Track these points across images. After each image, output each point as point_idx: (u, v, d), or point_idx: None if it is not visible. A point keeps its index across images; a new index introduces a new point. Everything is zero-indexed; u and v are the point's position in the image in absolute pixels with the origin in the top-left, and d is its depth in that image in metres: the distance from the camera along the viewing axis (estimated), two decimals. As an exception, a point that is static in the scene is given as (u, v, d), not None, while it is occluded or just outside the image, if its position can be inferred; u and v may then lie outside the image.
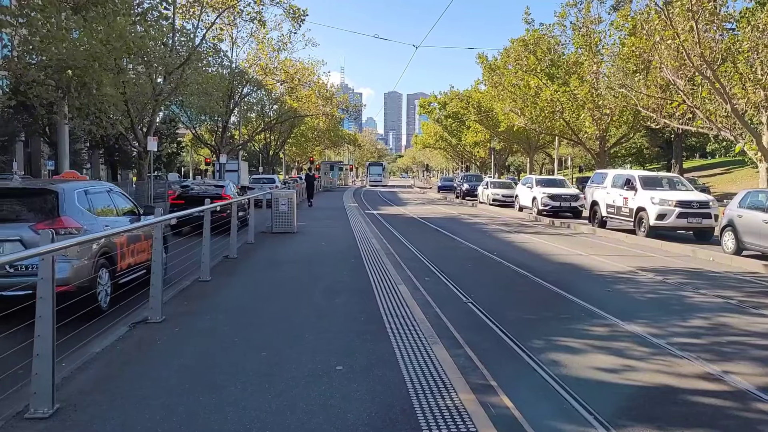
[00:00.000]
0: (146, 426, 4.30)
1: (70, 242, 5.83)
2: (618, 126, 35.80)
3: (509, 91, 35.94)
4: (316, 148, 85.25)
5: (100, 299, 7.96)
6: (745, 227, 14.20)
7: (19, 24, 13.01)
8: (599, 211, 21.09)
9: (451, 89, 65.24)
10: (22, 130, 37.17)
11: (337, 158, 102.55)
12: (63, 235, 7.15)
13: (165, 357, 5.95)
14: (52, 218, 7.73)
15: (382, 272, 10.93)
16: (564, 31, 32.31)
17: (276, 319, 7.52)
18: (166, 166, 58.17)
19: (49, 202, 8.02)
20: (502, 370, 5.71)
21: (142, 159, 24.14)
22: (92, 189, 9.22)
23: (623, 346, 6.77)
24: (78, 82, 14.86)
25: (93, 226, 8.11)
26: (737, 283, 11.25)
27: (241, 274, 10.89)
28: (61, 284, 6.28)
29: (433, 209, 32.90)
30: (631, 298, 9.73)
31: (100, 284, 8.03)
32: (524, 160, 64.19)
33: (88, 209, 8.51)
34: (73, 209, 8.12)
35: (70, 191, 8.34)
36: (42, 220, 7.68)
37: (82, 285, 7.30)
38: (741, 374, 5.87)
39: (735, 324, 7.96)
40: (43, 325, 4.46)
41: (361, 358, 5.87)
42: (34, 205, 8.14)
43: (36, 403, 4.45)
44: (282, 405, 4.69)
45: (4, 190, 9.04)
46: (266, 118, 55.09)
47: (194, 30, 27.67)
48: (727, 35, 19.88)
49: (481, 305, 8.58)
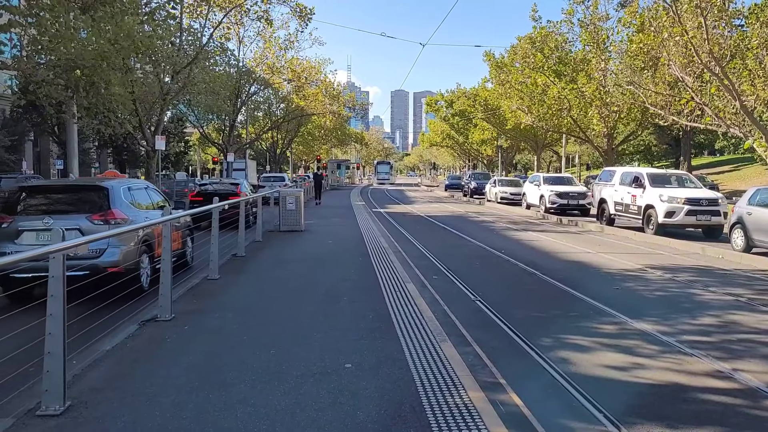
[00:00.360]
0: (156, 423, 4.33)
1: (120, 230, 7.25)
2: (626, 123, 35.63)
3: (516, 89, 35.83)
4: (323, 147, 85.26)
5: (143, 280, 9.07)
6: (754, 224, 14.11)
7: (28, 24, 13.07)
8: (607, 209, 21.01)
9: (458, 87, 65.23)
10: (31, 129, 37.39)
11: (343, 157, 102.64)
12: (113, 224, 8.54)
13: (174, 355, 5.98)
14: (104, 210, 8.93)
15: (389, 270, 10.94)
16: (571, 28, 32.14)
17: (284, 317, 7.54)
18: (174, 165, 58.37)
19: (101, 197, 9.21)
20: (510, 368, 5.70)
21: (150, 158, 24.20)
22: (133, 186, 10.59)
23: (632, 344, 6.75)
24: (87, 81, 14.91)
25: (136, 217, 9.24)
26: (747, 281, 11.19)
27: (249, 273, 10.92)
28: (112, 266, 8.22)
29: (441, 207, 32.87)
30: (639, 295, 9.68)
31: (142, 267, 9.16)
32: (531, 158, 64.04)
33: (131, 203, 9.73)
34: (121, 203, 9.31)
35: (117, 187, 9.62)
36: (96, 212, 8.86)
37: (128, 267, 8.55)
38: (751, 372, 5.83)
39: (745, 322, 7.91)
40: (55, 323, 4.50)
41: (370, 356, 5.88)
42: (88, 199, 9.33)
43: (47, 401, 4.49)
44: (291, 403, 4.70)
45: (64, 187, 10.56)
46: (273, 116, 55.16)
47: (201, 29, 27.73)
48: (735, 31, 19.73)
49: (490, 303, 8.57)
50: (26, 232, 8.57)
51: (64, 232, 7.57)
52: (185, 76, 23.64)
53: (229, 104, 40.25)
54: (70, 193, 9.87)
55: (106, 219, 8.76)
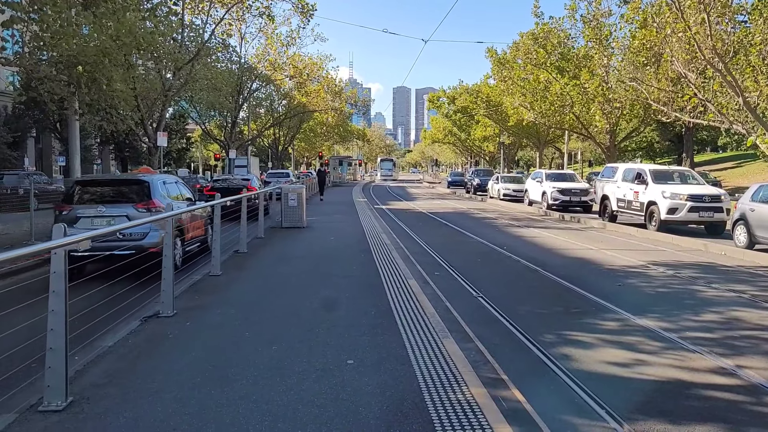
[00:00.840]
0: (158, 419, 4.33)
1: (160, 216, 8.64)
2: (628, 120, 35.53)
3: (518, 86, 35.75)
4: (324, 144, 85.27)
5: (177, 260, 9.95)
6: (757, 221, 14.08)
7: (30, 20, 13.05)
8: (609, 206, 20.98)
9: (460, 84, 65.08)
10: (33, 126, 37.41)
11: (345, 153, 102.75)
12: (153, 212, 10.15)
13: (176, 351, 5.98)
14: (146, 200, 10.67)
15: (391, 267, 10.93)
16: (574, 24, 32.10)
17: (286, 313, 7.54)
18: (176, 161, 58.36)
19: (143, 189, 10.92)
20: (513, 364, 5.70)
21: (152, 154, 24.15)
22: (167, 180, 12.30)
23: (635, 340, 6.74)
24: (88, 77, 14.87)
25: (171, 206, 10.40)
26: (750, 278, 11.16)
27: (251, 269, 10.92)
28: (153, 246, 9.74)
29: (442, 204, 32.85)
30: (642, 292, 9.67)
31: (176, 248, 10.09)
32: (533, 154, 63.94)
33: (166, 195, 11.39)
34: (159, 194, 11.02)
35: (155, 181, 11.38)
36: (140, 201, 10.62)
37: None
38: (754, 368, 5.82)
39: (748, 318, 7.90)
40: (56, 319, 4.49)
41: (372, 352, 5.87)
42: (132, 191, 10.99)
43: (50, 396, 4.49)
44: (293, 399, 4.70)
45: (111, 181, 12.56)
46: (275, 113, 55.14)
47: (203, 25, 27.68)
48: (739, 27, 19.63)
49: (492, 299, 8.56)
50: (82, 218, 10.30)
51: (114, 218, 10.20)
52: (187, 72, 23.61)
53: (230, 101, 40.23)
54: (116, 186, 11.58)
55: (148, 207, 10.49)
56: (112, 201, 10.73)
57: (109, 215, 10.34)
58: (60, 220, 10.09)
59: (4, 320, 5.07)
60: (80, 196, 10.86)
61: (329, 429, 4.19)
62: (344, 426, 4.23)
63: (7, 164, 32.50)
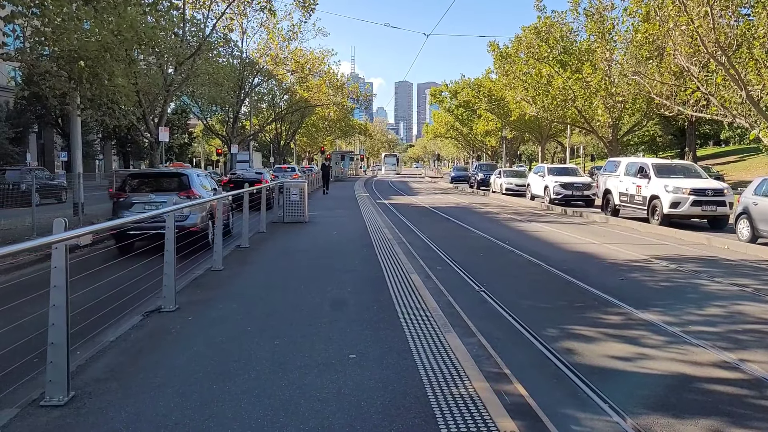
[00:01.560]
0: (160, 414, 4.32)
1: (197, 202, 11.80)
2: (631, 114, 35.47)
3: (521, 80, 35.66)
4: (326, 138, 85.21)
5: (210, 239, 12.08)
6: (760, 215, 14.04)
7: (31, 15, 13.03)
8: (612, 200, 20.94)
9: (462, 78, 64.92)
10: (35, 121, 37.47)
11: (348, 148, 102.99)
12: (192, 199, 12.13)
13: (178, 346, 5.97)
14: (187, 190, 12.84)
15: (394, 261, 10.91)
16: (577, 17, 31.99)
17: (288, 308, 7.53)
18: (178, 156, 58.45)
19: (183, 180, 13.24)
20: (515, 359, 5.68)
21: (154, 150, 24.14)
22: (200, 173, 14.92)
23: (638, 334, 6.72)
24: (90, 72, 14.84)
25: (205, 195, 13.07)
26: (753, 271, 11.14)
27: (253, 264, 10.91)
28: (193, 227, 11.85)
29: (445, 199, 32.82)
30: (645, 286, 9.64)
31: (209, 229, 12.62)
32: (536, 148, 63.78)
33: (201, 185, 13.62)
34: (196, 185, 13.32)
35: (192, 174, 13.86)
36: (181, 191, 12.78)
37: (202, 228, 12.30)
38: (758, 362, 5.80)
39: (751, 312, 7.87)
40: (58, 313, 4.48)
41: (374, 347, 5.86)
42: (174, 182, 13.34)
43: (51, 391, 4.48)
44: (295, 393, 4.69)
45: (157, 173, 15.43)
46: (277, 108, 55.08)
47: (204, 20, 27.59)
48: (742, 20, 19.55)
49: (494, 294, 8.55)
50: (136, 204, 12.43)
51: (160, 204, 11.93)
52: (188, 67, 23.56)
53: (232, 96, 40.17)
54: (162, 178, 14.16)
55: (189, 195, 12.61)
56: (158, 190, 12.96)
57: (158, 201, 12.25)
58: (119, 205, 12.71)
59: (6, 315, 5.06)
60: (133, 186, 13.12)
61: (331, 423, 4.18)
62: (346, 420, 4.22)
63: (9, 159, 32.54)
